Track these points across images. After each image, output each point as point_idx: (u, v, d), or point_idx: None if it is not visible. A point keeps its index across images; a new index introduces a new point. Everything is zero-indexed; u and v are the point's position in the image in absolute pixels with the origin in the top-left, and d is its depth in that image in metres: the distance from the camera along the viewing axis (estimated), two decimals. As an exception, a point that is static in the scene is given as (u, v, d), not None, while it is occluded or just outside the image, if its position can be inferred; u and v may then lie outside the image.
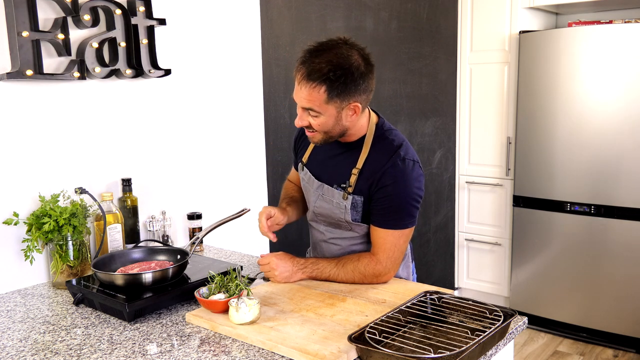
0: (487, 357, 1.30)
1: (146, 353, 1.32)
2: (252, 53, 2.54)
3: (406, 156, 1.61)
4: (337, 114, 1.54)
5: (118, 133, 2.05)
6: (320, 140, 1.63)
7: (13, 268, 1.80)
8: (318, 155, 1.78)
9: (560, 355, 3.39)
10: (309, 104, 1.52)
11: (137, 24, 2.00)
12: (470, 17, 3.81)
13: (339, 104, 1.52)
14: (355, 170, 1.64)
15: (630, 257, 3.30)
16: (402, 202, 1.61)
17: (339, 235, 1.77)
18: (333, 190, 1.69)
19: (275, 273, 1.68)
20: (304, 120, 1.58)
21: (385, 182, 1.60)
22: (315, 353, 1.24)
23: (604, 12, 3.73)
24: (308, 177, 1.79)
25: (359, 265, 1.67)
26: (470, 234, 4.02)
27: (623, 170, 3.27)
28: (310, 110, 1.54)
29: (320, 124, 1.56)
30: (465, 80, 3.89)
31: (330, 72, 1.47)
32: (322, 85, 1.48)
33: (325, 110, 1.52)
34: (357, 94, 1.53)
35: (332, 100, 1.51)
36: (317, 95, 1.50)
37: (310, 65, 1.49)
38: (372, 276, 1.67)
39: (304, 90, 1.51)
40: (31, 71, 1.75)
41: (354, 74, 1.50)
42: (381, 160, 1.61)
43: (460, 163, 4.00)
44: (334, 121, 1.56)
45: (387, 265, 1.66)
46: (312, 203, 1.79)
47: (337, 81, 1.48)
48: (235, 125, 2.49)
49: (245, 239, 2.54)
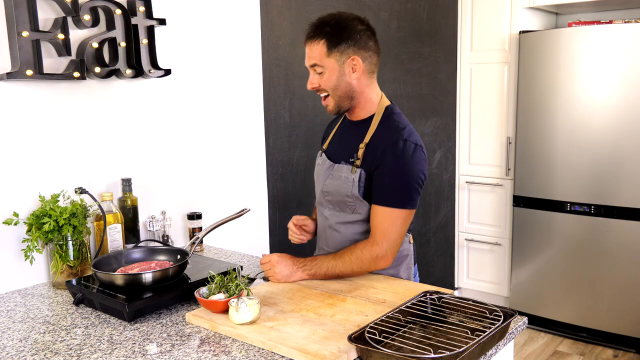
0: (487, 357, 1.30)
1: (146, 353, 1.32)
2: (252, 53, 2.54)
3: (409, 138, 1.67)
4: (338, 68, 1.67)
5: (118, 133, 2.05)
6: (333, 106, 1.73)
7: (13, 268, 1.80)
8: (334, 140, 1.86)
9: (560, 355, 3.39)
10: (313, 60, 1.68)
11: (137, 24, 2.00)
12: (470, 17, 3.81)
13: (339, 57, 1.66)
14: (363, 144, 1.70)
15: (630, 257, 3.30)
16: (401, 180, 1.65)
17: (342, 220, 1.77)
18: (342, 166, 1.75)
19: (276, 271, 1.69)
20: (313, 82, 1.71)
21: (385, 160, 1.65)
22: (315, 353, 1.24)
23: (604, 12, 3.73)
24: (322, 161, 1.84)
25: (356, 250, 1.67)
26: (470, 234, 4.02)
27: (623, 170, 3.27)
28: (316, 67, 1.68)
29: (326, 80, 1.68)
30: (465, 80, 3.89)
31: (327, 26, 1.66)
32: (322, 38, 1.65)
33: (327, 64, 1.66)
34: (355, 47, 1.67)
35: (331, 52, 1.65)
36: (318, 49, 1.66)
37: (312, 29, 1.68)
38: (369, 260, 1.66)
39: (309, 48, 1.68)
40: (31, 71, 1.75)
41: (350, 28, 1.66)
42: (385, 138, 1.68)
43: (460, 163, 4.00)
44: (337, 77, 1.67)
45: (384, 246, 1.65)
46: (320, 184, 1.82)
47: (334, 34, 1.65)
48: (235, 125, 2.49)
49: (245, 239, 2.54)
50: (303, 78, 2.85)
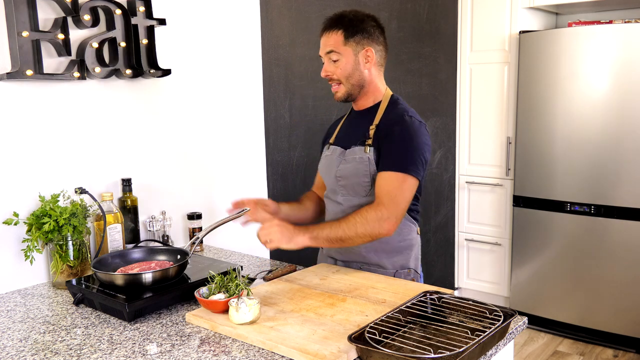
0: (487, 357, 1.30)
1: (146, 353, 1.32)
2: (252, 53, 2.54)
3: (414, 116, 1.79)
4: (354, 57, 1.77)
5: (118, 133, 2.05)
6: (343, 93, 1.81)
7: (13, 268, 1.80)
8: (344, 131, 1.91)
9: (560, 355, 3.39)
10: (329, 47, 1.77)
11: (137, 24, 2.00)
12: (470, 17, 3.81)
13: (355, 47, 1.76)
14: (373, 126, 1.79)
15: (630, 257, 3.30)
16: (407, 149, 1.71)
17: (356, 203, 1.79)
18: (354, 149, 1.80)
19: (278, 235, 1.61)
20: (328, 70, 1.79)
21: (393, 130, 1.74)
22: (315, 353, 1.24)
23: (604, 12, 3.73)
24: (332, 151, 1.88)
25: (361, 211, 1.67)
26: (470, 234, 4.02)
27: (623, 170, 3.27)
28: (332, 53, 1.76)
29: (342, 68, 1.77)
30: (465, 80, 3.89)
31: (345, 18, 1.77)
32: (340, 29, 1.76)
33: (344, 51, 1.76)
34: (369, 40, 1.78)
35: (348, 42, 1.76)
36: (335, 37, 1.76)
37: (326, 22, 1.80)
38: (374, 220, 1.64)
39: (326, 37, 1.78)
40: (31, 71, 1.75)
41: (365, 22, 1.78)
42: (392, 117, 1.79)
43: (460, 163, 4.00)
44: (353, 65, 1.77)
45: (390, 208, 1.66)
46: (333, 171, 1.84)
47: (351, 25, 1.76)
48: (235, 125, 2.49)
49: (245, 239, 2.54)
50: (303, 78, 2.85)
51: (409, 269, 1.84)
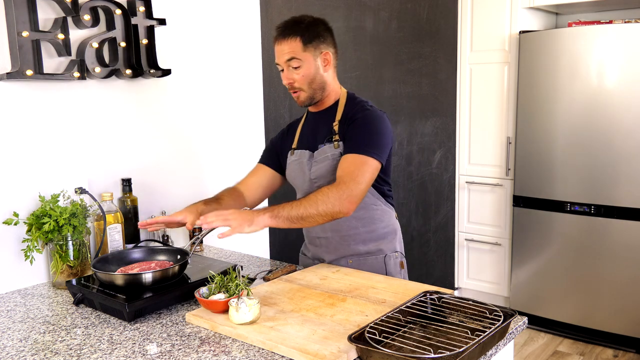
0: (487, 357, 1.30)
1: (146, 353, 1.32)
2: (252, 53, 2.54)
3: (374, 107, 1.83)
4: (314, 61, 1.77)
5: (118, 133, 2.05)
6: (305, 98, 1.81)
7: (13, 268, 1.80)
8: (305, 134, 1.91)
9: (560, 355, 3.39)
10: (289, 54, 1.75)
11: (137, 24, 2.00)
12: (470, 17, 3.81)
13: (314, 51, 1.77)
14: (336, 122, 1.81)
15: (630, 257, 3.30)
16: (369, 133, 1.74)
17: None
18: (323, 148, 1.81)
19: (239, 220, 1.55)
20: (290, 77, 1.78)
21: (355, 118, 1.77)
22: (315, 353, 1.24)
23: (604, 12, 3.73)
24: (299, 154, 1.88)
25: (322, 190, 1.64)
26: (470, 234, 4.02)
27: (623, 170, 3.27)
28: (293, 60, 1.75)
29: (304, 75, 1.77)
30: (465, 80, 3.89)
31: (301, 24, 1.77)
32: (297, 36, 1.75)
33: (304, 57, 1.76)
34: (325, 43, 1.80)
35: (307, 47, 1.76)
36: (294, 44, 1.75)
37: (281, 29, 1.78)
38: (335, 197, 1.61)
39: (284, 45, 1.76)
40: (31, 71, 1.75)
41: (319, 26, 1.80)
42: (352, 109, 1.82)
43: (460, 163, 4.00)
44: (314, 70, 1.78)
45: (350, 187, 1.63)
46: (306, 175, 1.84)
47: (308, 30, 1.76)
48: (235, 125, 2.49)
49: (245, 239, 2.54)
50: (303, 78, 2.85)
51: (396, 252, 1.90)
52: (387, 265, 1.87)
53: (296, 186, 1.93)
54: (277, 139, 2.01)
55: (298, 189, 1.92)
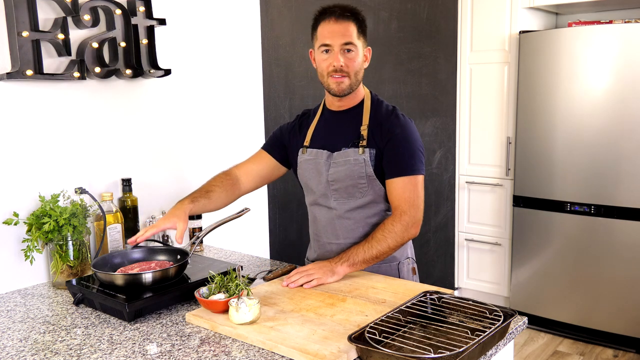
0: (487, 357, 1.30)
1: (146, 353, 1.32)
2: (252, 53, 2.54)
3: (403, 114, 1.81)
4: (362, 53, 1.76)
5: (118, 133, 2.05)
6: (347, 86, 1.75)
7: (13, 268, 1.80)
8: (320, 132, 1.85)
9: (560, 355, 3.39)
10: (348, 38, 1.71)
11: (137, 24, 2.00)
12: (470, 17, 3.80)
13: (362, 43, 1.76)
14: (364, 126, 1.77)
15: (630, 257, 3.30)
16: (412, 147, 1.74)
17: (352, 206, 1.78)
18: (346, 150, 1.77)
19: (320, 273, 1.67)
20: (341, 60, 1.72)
21: (394, 131, 1.74)
22: (315, 353, 1.24)
23: (604, 12, 3.73)
24: (314, 154, 1.82)
25: (386, 227, 1.70)
26: (470, 234, 4.02)
27: (623, 170, 3.27)
28: (348, 45, 1.71)
29: (357, 62, 1.73)
30: (465, 80, 3.89)
31: (357, 13, 1.74)
32: (353, 22, 1.72)
33: (357, 45, 1.73)
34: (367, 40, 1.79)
35: (359, 36, 1.74)
36: (352, 29, 1.72)
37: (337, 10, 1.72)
38: (402, 231, 1.69)
39: (341, 27, 1.71)
40: (31, 71, 1.75)
41: (366, 23, 1.78)
42: (384, 116, 1.78)
43: (460, 163, 3.99)
44: (361, 61, 1.76)
45: (411, 213, 1.70)
46: (323, 176, 1.79)
47: (362, 21, 1.75)
48: (235, 125, 2.49)
49: (245, 239, 2.54)
50: (303, 78, 2.85)
51: (408, 258, 1.88)
52: (400, 272, 1.84)
53: (309, 186, 1.85)
54: (286, 130, 1.93)
55: (311, 190, 1.85)
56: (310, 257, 1.96)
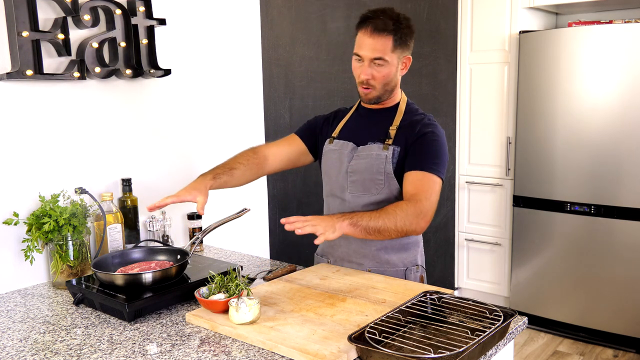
0: (487, 357, 1.30)
1: (146, 353, 1.32)
2: (252, 53, 2.54)
3: (435, 121, 1.82)
4: (397, 64, 1.76)
5: (118, 133, 2.05)
6: (374, 97, 1.78)
7: (13, 268, 1.80)
8: (351, 126, 1.88)
9: (560, 355, 3.39)
10: (379, 53, 1.71)
11: (137, 24, 2.00)
12: (470, 17, 3.81)
13: (399, 55, 1.75)
14: (394, 127, 1.79)
15: (631, 257, 3.30)
16: (439, 150, 1.75)
17: (365, 201, 1.78)
18: (371, 145, 1.79)
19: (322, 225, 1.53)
20: (369, 73, 1.74)
21: (424, 131, 1.76)
22: (315, 353, 1.24)
23: (604, 12, 3.73)
24: (340, 145, 1.84)
25: (400, 204, 1.64)
26: (470, 234, 4.02)
27: (623, 170, 3.27)
28: (378, 60, 1.71)
29: (385, 75, 1.74)
30: (465, 80, 3.89)
31: (399, 23, 1.72)
32: (390, 35, 1.70)
33: (391, 59, 1.73)
34: (409, 48, 1.79)
35: (396, 49, 1.73)
36: (387, 43, 1.70)
37: (377, 21, 1.71)
38: (414, 215, 1.62)
39: (375, 41, 1.70)
40: (31, 71, 1.75)
41: (411, 29, 1.76)
42: (416, 119, 1.81)
43: (460, 163, 4.00)
44: (394, 72, 1.77)
45: (426, 205, 1.65)
46: (343, 166, 1.81)
47: (401, 32, 1.72)
48: (235, 125, 2.49)
49: (245, 239, 2.54)
50: (303, 78, 2.85)
51: (417, 266, 1.86)
52: (407, 278, 1.83)
53: (329, 176, 1.87)
54: (322, 120, 1.96)
55: (330, 179, 1.86)
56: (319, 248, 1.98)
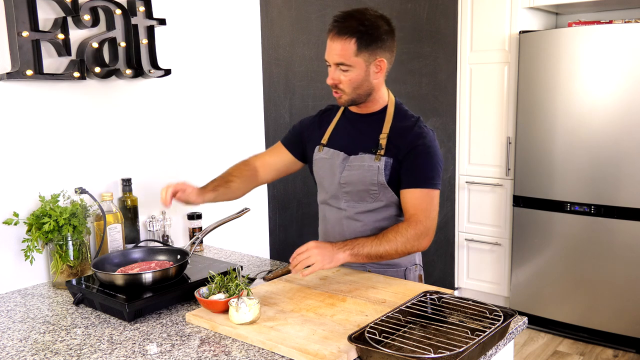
0: (487, 357, 1.30)
1: (146, 353, 1.32)
2: (252, 53, 2.54)
3: (427, 126, 1.78)
4: (365, 68, 1.67)
5: (118, 133, 2.05)
6: (346, 101, 1.72)
7: (13, 268, 1.80)
8: (340, 132, 1.84)
9: (560, 355, 3.39)
10: (341, 58, 1.64)
11: (137, 24, 2.00)
12: (470, 17, 3.81)
13: (367, 57, 1.65)
14: (384, 134, 1.74)
15: (630, 257, 3.30)
16: (433, 161, 1.72)
17: (362, 209, 1.77)
18: (362, 156, 1.75)
19: (318, 258, 1.57)
20: (335, 78, 1.69)
21: (416, 142, 1.71)
22: (315, 353, 1.24)
23: (604, 12, 3.73)
24: (331, 154, 1.81)
25: (399, 229, 1.65)
26: (470, 234, 4.02)
27: (623, 170, 3.27)
28: (342, 65, 1.65)
29: (351, 79, 1.67)
30: (465, 80, 3.89)
31: (360, 26, 1.63)
32: (353, 37, 1.62)
33: (356, 63, 1.65)
34: (382, 49, 1.67)
35: (361, 52, 1.64)
36: (347, 47, 1.63)
37: (341, 24, 1.64)
38: (414, 238, 1.64)
39: (337, 45, 1.64)
40: (31, 71, 1.75)
41: (380, 29, 1.65)
42: (406, 126, 1.75)
43: (460, 163, 4.00)
44: (363, 76, 1.68)
45: (426, 224, 1.67)
46: (336, 177, 1.78)
47: (366, 34, 1.63)
48: (235, 125, 2.49)
49: (245, 239, 2.54)
50: (303, 78, 2.85)
51: (416, 265, 1.87)
52: (406, 278, 1.83)
53: (322, 184, 1.85)
54: (307, 124, 1.91)
55: (323, 188, 1.85)
56: None
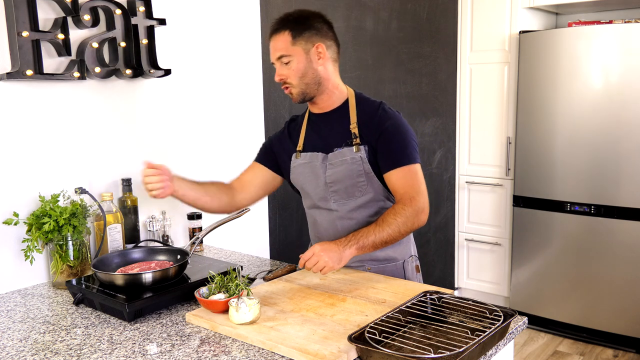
0: (487, 357, 1.30)
1: (146, 353, 1.32)
2: (252, 53, 2.54)
3: (391, 108, 1.79)
4: (305, 55, 1.71)
5: (118, 133, 2.05)
6: (297, 93, 1.76)
7: (13, 268, 1.80)
8: (311, 136, 1.84)
9: (560, 355, 3.39)
10: (279, 52, 1.71)
11: (137, 24, 2.00)
12: (470, 17, 3.81)
13: (304, 45, 1.71)
14: (353, 124, 1.76)
15: (631, 257, 3.30)
16: (405, 137, 1.73)
17: (352, 206, 1.77)
18: (341, 150, 1.75)
19: (326, 260, 1.57)
20: (281, 74, 1.74)
21: (384, 125, 1.73)
22: (315, 353, 1.24)
23: (604, 12, 3.73)
24: (309, 157, 1.81)
25: (397, 211, 1.66)
26: (470, 234, 4.02)
27: (623, 170, 3.27)
28: (283, 58, 1.71)
29: (295, 69, 1.71)
30: (465, 80, 3.89)
31: (290, 17, 1.72)
32: (286, 29, 1.70)
33: (294, 52, 1.70)
34: (318, 36, 1.72)
35: (297, 41, 1.70)
36: (283, 39, 1.70)
37: (272, 25, 1.74)
38: (413, 215, 1.66)
39: (274, 42, 1.73)
40: (31, 71, 1.75)
41: (310, 18, 1.73)
42: (371, 112, 1.77)
43: (460, 163, 4.00)
44: (305, 63, 1.71)
45: (420, 200, 1.68)
46: (320, 179, 1.78)
47: (298, 23, 1.71)
48: (235, 125, 2.49)
49: (245, 239, 2.54)
50: (303, 78, 2.85)
51: (412, 256, 1.88)
52: (405, 270, 1.84)
53: (306, 190, 1.84)
54: (275, 139, 1.93)
55: (308, 194, 1.84)
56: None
